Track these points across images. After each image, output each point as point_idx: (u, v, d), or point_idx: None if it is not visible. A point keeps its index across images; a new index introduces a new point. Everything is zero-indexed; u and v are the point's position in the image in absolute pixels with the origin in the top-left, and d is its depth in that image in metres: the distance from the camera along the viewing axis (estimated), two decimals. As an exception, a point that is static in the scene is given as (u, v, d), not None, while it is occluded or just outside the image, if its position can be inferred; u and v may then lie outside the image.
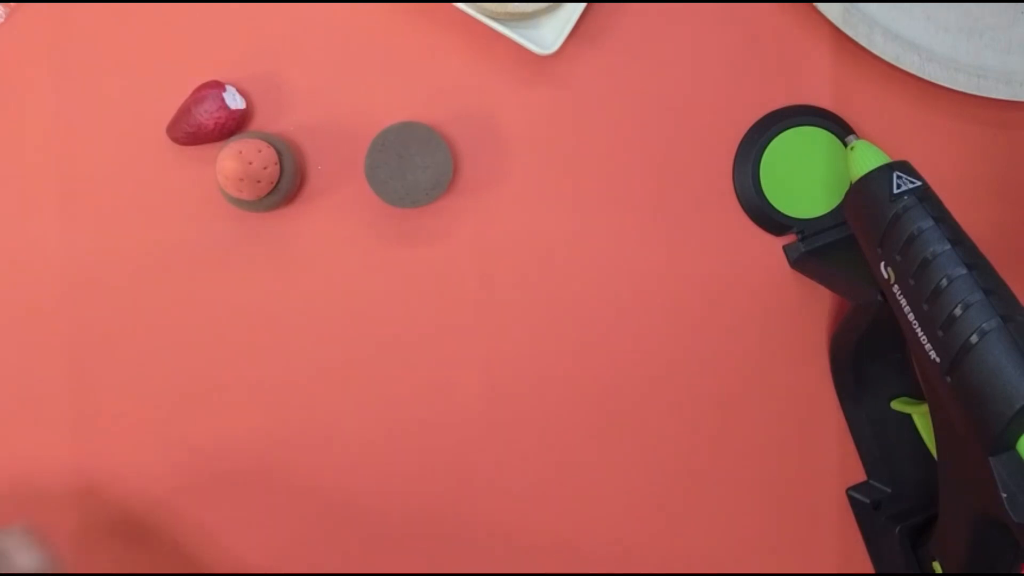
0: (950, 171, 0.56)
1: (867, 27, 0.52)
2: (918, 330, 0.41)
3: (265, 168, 0.49)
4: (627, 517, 0.56)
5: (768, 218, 0.55)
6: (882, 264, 0.44)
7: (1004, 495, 0.38)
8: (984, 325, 0.38)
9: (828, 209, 0.54)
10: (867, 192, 0.44)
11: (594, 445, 0.56)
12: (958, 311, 0.39)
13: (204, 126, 0.51)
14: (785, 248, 0.55)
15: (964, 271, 0.40)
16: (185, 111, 0.51)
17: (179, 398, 0.55)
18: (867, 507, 0.55)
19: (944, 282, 0.40)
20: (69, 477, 0.54)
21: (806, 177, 0.54)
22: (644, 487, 0.56)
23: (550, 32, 0.52)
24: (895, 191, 0.43)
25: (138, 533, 0.55)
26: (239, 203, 0.50)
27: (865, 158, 0.45)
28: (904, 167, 0.44)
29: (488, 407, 0.55)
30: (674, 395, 0.56)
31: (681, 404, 0.56)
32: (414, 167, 0.51)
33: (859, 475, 0.56)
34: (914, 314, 0.42)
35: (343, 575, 0.55)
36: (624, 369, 0.55)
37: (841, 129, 0.54)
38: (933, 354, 0.40)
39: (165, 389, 0.54)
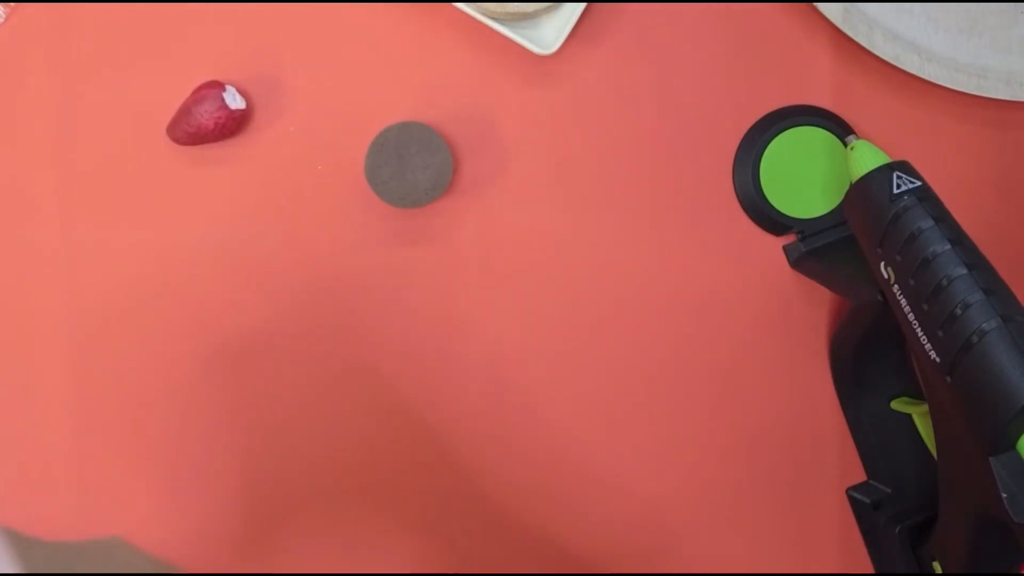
0: (950, 171, 0.56)
1: (867, 27, 0.52)
2: (918, 330, 0.41)
3: None
4: (626, 517, 0.56)
5: (768, 218, 0.55)
6: (882, 264, 0.44)
7: (1004, 495, 0.38)
8: (984, 325, 0.38)
9: (828, 209, 0.54)
10: (867, 192, 0.44)
11: (593, 445, 0.56)
12: (958, 311, 0.39)
13: (204, 126, 0.51)
14: (785, 248, 0.55)
15: (964, 271, 0.40)
16: (185, 111, 0.51)
17: (178, 397, 0.55)
18: (867, 507, 0.54)
19: (944, 282, 0.40)
20: (66, 480, 0.54)
21: (806, 177, 0.54)
22: (643, 487, 0.56)
23: (550, 32, 0.52)
24: (895, 191, 0.43)
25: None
26: None
27: (865, 158, 0.45)
28: (904, 167, 0.44)
29: (490, 407, 0.55)
30: (673, 395, 0.56)
31: (680, 404, 0.56)
32: (414, 167, 0.51)
33: (859, 475, 0.56)
34: (914, 314, 0.42)
35: (344, 575, 0.55)
36: (624, 369, 0.55)
37: (841, 129, 0.54)
38: (933, 354, 0.40)
39: (164, 387, 0.54)
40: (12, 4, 0.53)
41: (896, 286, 0.43)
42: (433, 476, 0.55)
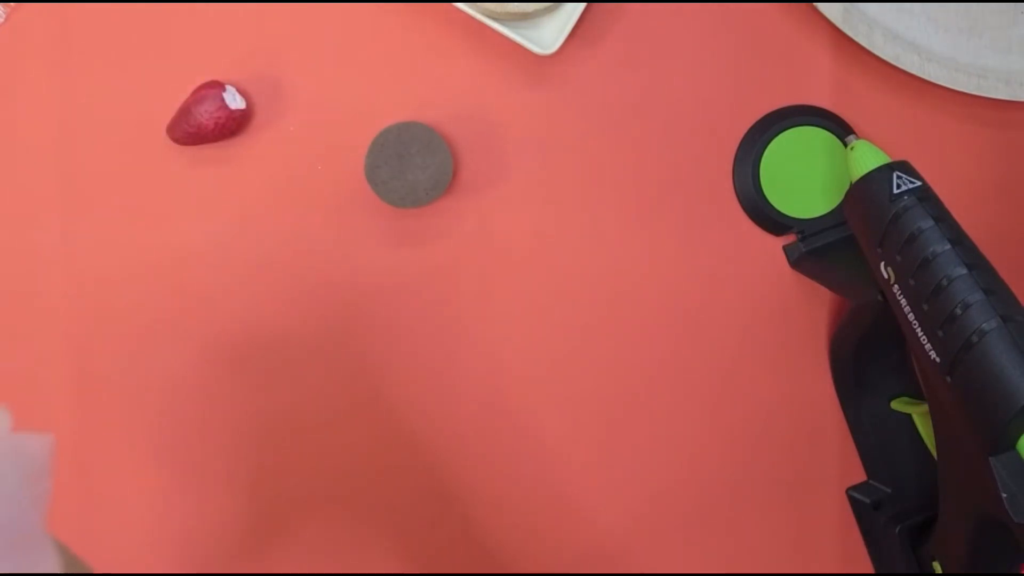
0: (950, 171, 0.56)
1: (867, 27, 0.52)
2: (918, 330, 0.41)
3: None
4: (626, 518, 0.56)
5: (768, 218, 0.55)
6: (882, 264, 0.44)
7: (1004, 495, 0.38)
8: (984, 325, 0.38)
9: (828, 209, 0.54)
10: (867, 192, 0.44)
11: (592, 445, 0.56)
12: (958, 311, 0.39)
13: (204, 126, 0.51)
14: (785, 248, 0.55)
15: (964, 271, 0.40)
16: (185, 111, 0.51)
17: (174, 397, 0.55)
18: (867, 507, 0.55)
19: (944, 282, 0.40)
20: (68, 481, 0.54)
21: (806, 177, 0.54)
22: (643, 487, 0.56)
23: (550, 32, 0.52)
24: (895, 191, 0.43)
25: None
26: None
27: (865, 158, 0.45)
28: (904, 167, 0.44)
29: (489, 407, 0.55)
30: (673, 395, 0.56)
31: (680, 404, 0.56)
32: (414, 167, 0.51)
33: (859, 475, 0.56)
34: (914, 314, 0.42)
35: (344, 575, 0.55)
36: (623, 369, 0.55)
37: (841, 129, 0.54)
38: (933, 354, 0.40)
39: (162, 387, 0.54)
40: (12, 4, 0.53)
41: (896, 286, 0.43)
42: (432, 477, 0.55)
